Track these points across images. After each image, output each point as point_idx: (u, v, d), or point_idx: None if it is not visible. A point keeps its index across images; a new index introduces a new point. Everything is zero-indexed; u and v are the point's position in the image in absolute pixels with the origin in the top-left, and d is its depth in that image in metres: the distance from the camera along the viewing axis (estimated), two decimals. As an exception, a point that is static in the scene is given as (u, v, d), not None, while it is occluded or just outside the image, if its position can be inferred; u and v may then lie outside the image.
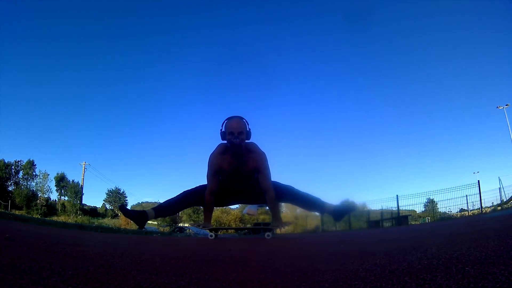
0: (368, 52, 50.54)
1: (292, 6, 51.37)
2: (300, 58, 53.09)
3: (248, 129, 2.70)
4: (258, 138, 2.89)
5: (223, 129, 2.71)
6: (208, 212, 2.98)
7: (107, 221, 31.96)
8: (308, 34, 50.90)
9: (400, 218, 12.45)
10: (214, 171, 2.79)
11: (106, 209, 43.90)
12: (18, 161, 34.33)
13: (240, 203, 3.28)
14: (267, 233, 2.87)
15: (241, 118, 2.71)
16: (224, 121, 2.72)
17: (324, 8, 49.43)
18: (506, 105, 21.52)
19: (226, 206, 3.27)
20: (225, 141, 2.72)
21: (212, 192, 2.86)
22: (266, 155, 2.80)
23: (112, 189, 42.83)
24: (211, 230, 2.99)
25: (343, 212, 2.83)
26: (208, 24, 52.73)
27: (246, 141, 2.73)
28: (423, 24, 48.49)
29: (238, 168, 2.78)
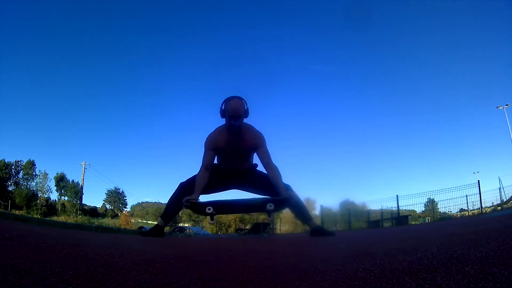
0: (368, 52, 50.57)
1: (290, 6, 51.35)
2: (300, 58, 53.09)
3: (246, 108, 2.71)
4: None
5: (223, 108, 2.72)
6: (198, 184, 2.73)
7: (107, 221, 31.97)
8: (308, 34, 50.90)
9: (400, 218, 12.45)
10: (210, 147, 2.77)
11: (106, 209, 43.88)
12: (18, 161, 34.32)
13: (236, 188, 3.15)
14: (269, 204, 2.54)
15: (240, 99, 2.71)
16: (224, 100, 2.73)
17: (323, 7, 49.42)
18: (506, 105, 21.52)
19: (221, 191, 3.13)
20: (224, 119, 2.74)
21: (206, 167, 2.77)
22: (263, 136, 2.82)
23: (112, 189, 42.82)
24: (209, 205, 2.65)
25: (320, 234, 2.83)
26: (208, 24, 52.69)
27: (245, 120, 2.76)
28: (423, 24, 48.51)
29: (234, 144, 2.75)
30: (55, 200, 36.94)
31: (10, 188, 33.23)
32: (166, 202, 3.13)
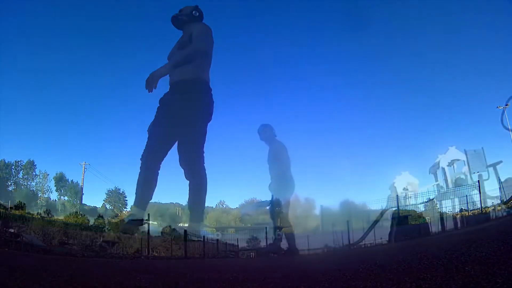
0: (367, 51, 50.49)
1: (288, 5, 51.35)
2: (298, 57, 53.03)
3: (192, 11, 2.87)
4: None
5: None
6: None
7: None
8: (305, 34, 50.88)
9: (400, 218, 12.44)
10: None
11: (106, 209, 43.81)
12: (18, 161, 34.27)
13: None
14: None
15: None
16: None
17: (321, 7, 49.43)
18: (506, 105, 21.48)
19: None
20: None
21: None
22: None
23: (112, 189, 42.72)
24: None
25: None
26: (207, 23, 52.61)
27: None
28: (423, 24, 48.45)
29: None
30: (55, 200, 36.92)
31: (10, 188, 33.22)
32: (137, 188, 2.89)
